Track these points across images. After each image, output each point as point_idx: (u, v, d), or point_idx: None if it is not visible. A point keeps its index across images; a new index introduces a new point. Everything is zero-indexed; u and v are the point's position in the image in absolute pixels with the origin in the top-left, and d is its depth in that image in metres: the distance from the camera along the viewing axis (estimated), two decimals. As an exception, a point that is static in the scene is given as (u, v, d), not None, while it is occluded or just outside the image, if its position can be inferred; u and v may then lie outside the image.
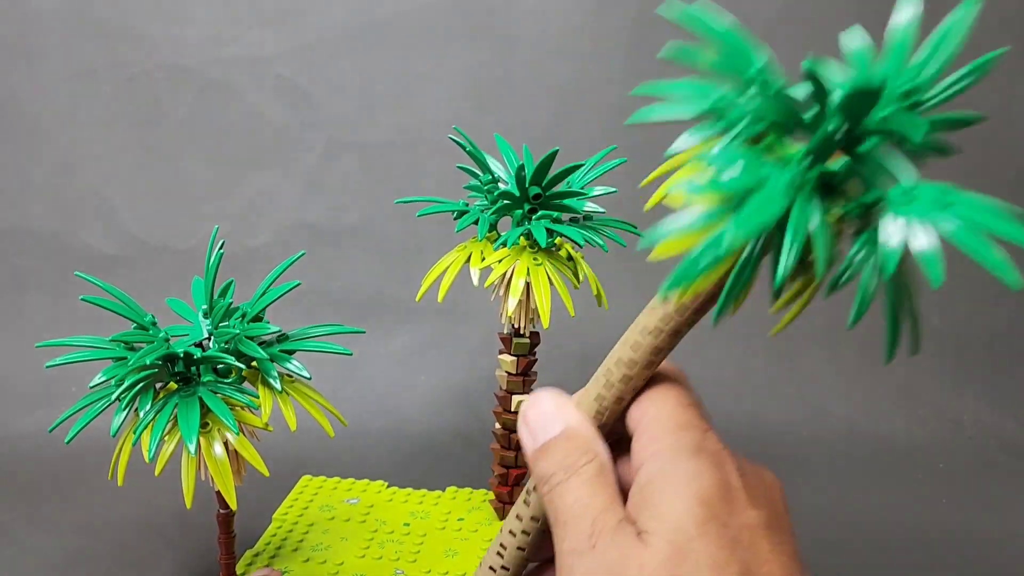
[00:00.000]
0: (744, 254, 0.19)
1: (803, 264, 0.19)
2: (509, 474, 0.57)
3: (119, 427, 0.39)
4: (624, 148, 0.56)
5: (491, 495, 0.60)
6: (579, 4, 0.87)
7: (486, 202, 0.53)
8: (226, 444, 0.39)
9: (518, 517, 0.26)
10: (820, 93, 0.18)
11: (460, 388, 0.80)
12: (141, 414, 0.38)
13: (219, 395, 0.39)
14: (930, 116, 0.19)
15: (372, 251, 0.86)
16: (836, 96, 0.18)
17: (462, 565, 0.52)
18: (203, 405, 0.39)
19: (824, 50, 0.88)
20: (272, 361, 0.41)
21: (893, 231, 0.18)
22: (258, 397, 0.40)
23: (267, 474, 0.40)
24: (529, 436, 0.25)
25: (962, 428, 0.81)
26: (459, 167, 0.54)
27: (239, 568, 0.50)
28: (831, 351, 0.88)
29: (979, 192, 0.18)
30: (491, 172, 0.52)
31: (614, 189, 0.54)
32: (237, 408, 0.40)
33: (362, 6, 0.85)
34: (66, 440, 0.38)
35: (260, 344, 0.41)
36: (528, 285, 0.50)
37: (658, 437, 0.23)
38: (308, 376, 0.47)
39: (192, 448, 0.37)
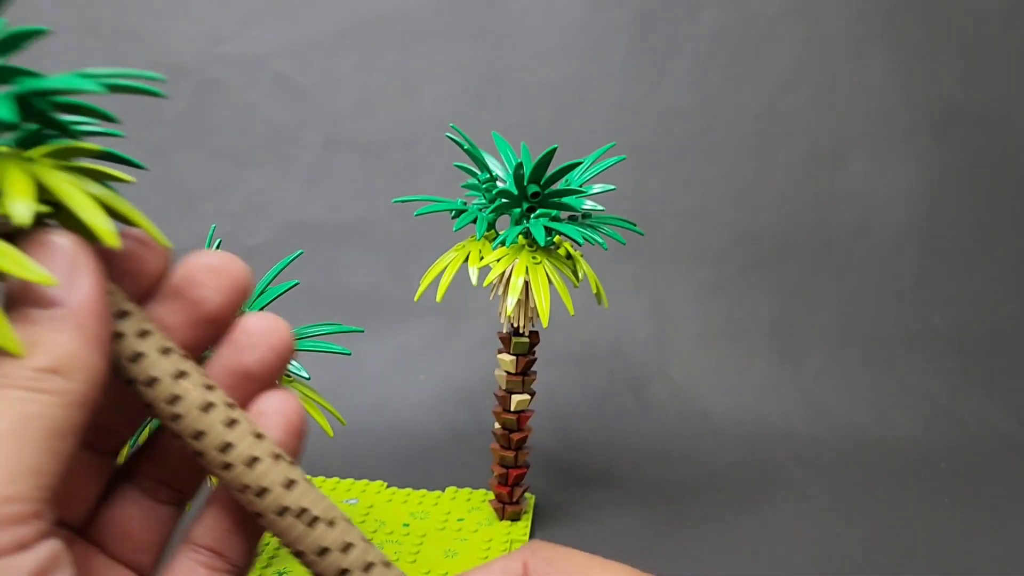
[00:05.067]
0: None
1: None
2: (509, 474, 0.56)
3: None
4: (623, 146, 0.55)
5: (491, 495, 0.60)
6: (577, 1, 0.86)
7: (484, 201, 0.52)
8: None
9: None
10: None
11: (459, 388, 0.80)
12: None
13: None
14: None
15: (371, 250, 0.86)
16: None
17: (461, 565, 0.52)
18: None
19: (824, 48, 0.87)
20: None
21: None
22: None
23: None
24: None
25: (965, 427, 0.80)
26: (456, 165, 0.54)
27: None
28: (833, 350, 0.87)
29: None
30: (489, 170, 0.52)
31: (613, 187, 0.53)
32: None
33: (360, 3, 0.85)
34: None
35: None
36: (527, 284, 0.50)
37: None
38: (307, 376, 0.46)
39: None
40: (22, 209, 0.15)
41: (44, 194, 0.16)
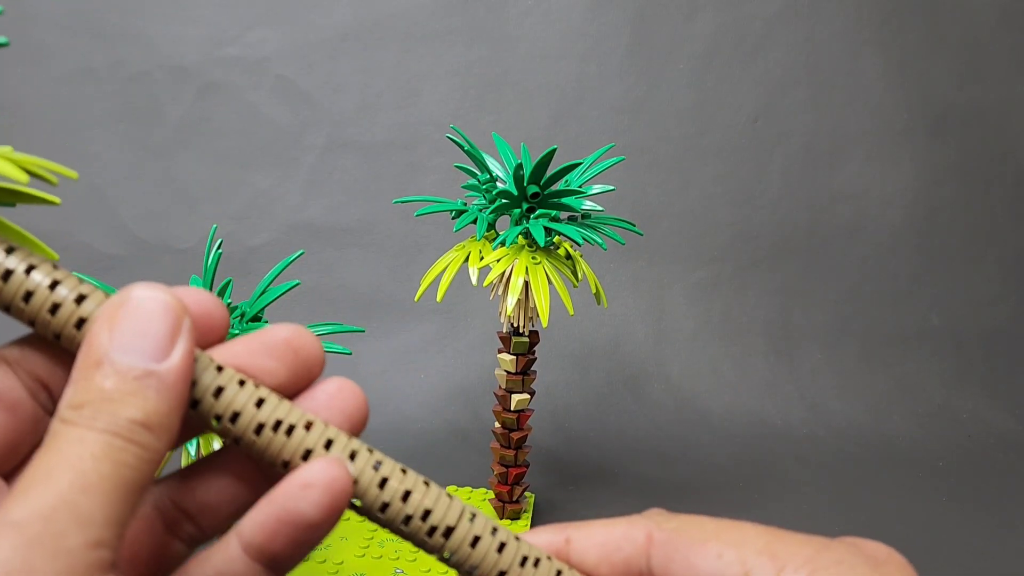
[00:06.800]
0: None
1: None
2: (509, 473, 0.57)
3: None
4: (622, 147, 0.56)
5: (491, 494, 0.60)
6: (577, 3, 0.87)
7: (484, 201, 0.53)
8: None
9: None
10: None
11: (460, 387, 0.81)
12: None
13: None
14: None
15: (372, 250, 0.86)
16: None
17: (462, 564, 0.52)
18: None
19: (820, 50, 0.88)
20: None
21: None
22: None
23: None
24: None
25: (962, 426, 0.81)
26: (457, 166, 0.54)
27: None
28: (830, 349, 0.88)
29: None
30: (489, 171, 0.52)
31: (612, 187, 0.54)
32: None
33: (361, 6, 0.85)
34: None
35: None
36: (527, 284, 0.50)
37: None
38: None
39: (192, 451, 0.37)
40: None
41: None
